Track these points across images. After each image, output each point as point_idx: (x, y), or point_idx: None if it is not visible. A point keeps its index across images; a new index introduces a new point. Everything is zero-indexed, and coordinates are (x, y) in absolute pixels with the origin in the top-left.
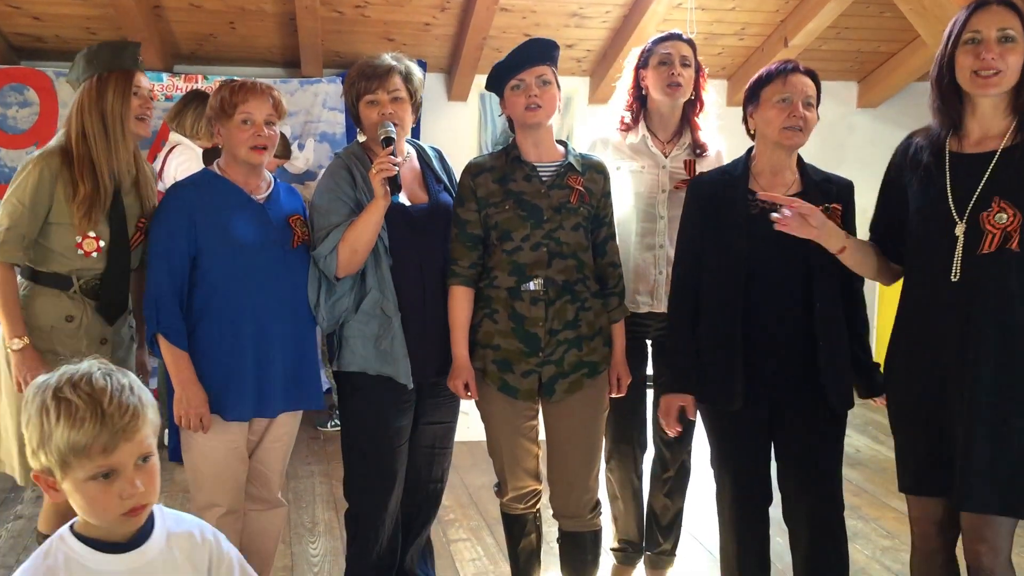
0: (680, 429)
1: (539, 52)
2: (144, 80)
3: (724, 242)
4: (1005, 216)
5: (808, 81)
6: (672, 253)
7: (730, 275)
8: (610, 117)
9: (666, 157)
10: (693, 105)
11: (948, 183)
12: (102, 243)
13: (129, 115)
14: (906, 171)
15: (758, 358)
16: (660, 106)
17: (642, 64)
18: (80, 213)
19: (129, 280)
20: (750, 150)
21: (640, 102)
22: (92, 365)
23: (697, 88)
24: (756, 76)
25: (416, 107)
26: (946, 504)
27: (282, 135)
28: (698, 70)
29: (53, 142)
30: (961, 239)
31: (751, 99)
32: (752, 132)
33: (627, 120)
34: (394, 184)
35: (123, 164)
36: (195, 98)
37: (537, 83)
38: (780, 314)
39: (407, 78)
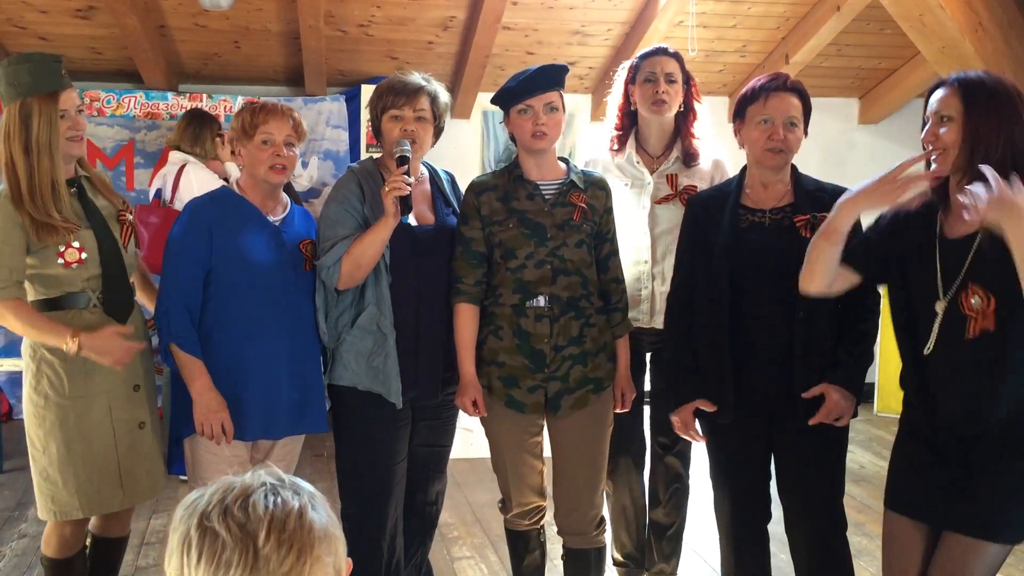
0: (705, 437)
1: (547, 80)
2: (71, 98)
3: (713, 256)
4: (978, 300)
5: (792, 100)
6: (658, 269)
7: (717, 288)
8: (604, 135)
9: (652, 173)
10: (685, 116)
11: (938, 257)
12: (84, 255)
13: (57, 141)
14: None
15: (750, 371)
16: (648, 122)
17: (631, 79)
18: (38, 236)
19: (128, 277)
20: (746, 166)
21: (630, 118)
22: (258, 478)
23: (688, 99)
24: (743, 91)
25: (438, 131)
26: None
27: None
28: (688, 81)
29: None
30: (940, 316)
31: (738, 114)
32: (742, 146)
33: (617, 141)
34: (405, 204)
35: (46, 188)
36: (206, 121)
37: (544, 109)
38: (768, 327)
39: (434, 100)
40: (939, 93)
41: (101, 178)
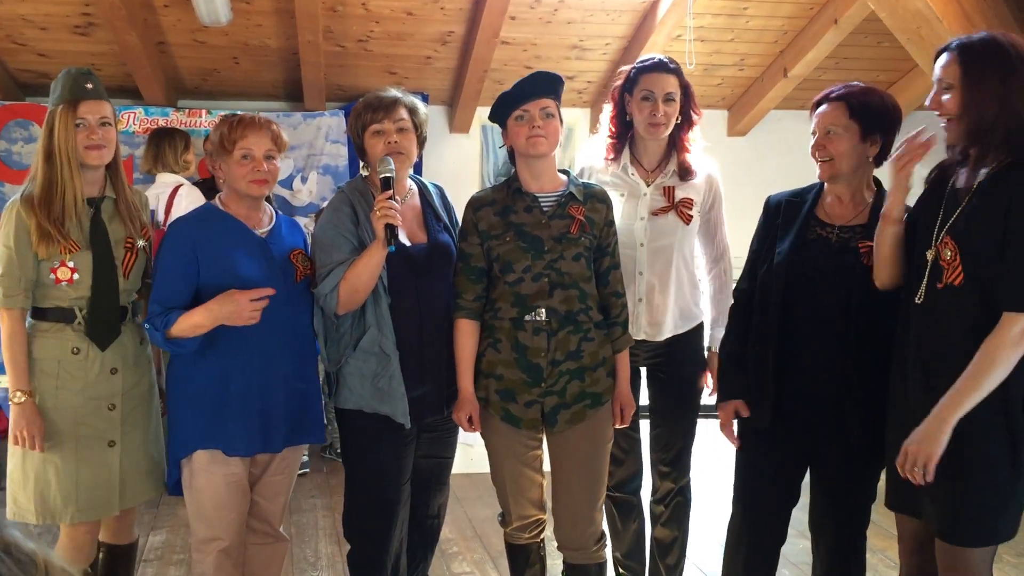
0: (739, 444)
1: (544, 85)
2: (92, 108)
3: (774, 258)
4: (949, 253)
5: (830, 111)
6: (653, 282)
7: (770, 296)
8: (597, 144)
9: (648, 185)
10: (681, 128)
11: (941, 210)
12: (76, 276)
13: (75, 149)
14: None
15: (792, 387)
16: (643, 137)
17: (627, 89)
18: (37, 244)
19: (118, 304)
20: None
21: (625, 126)
22: None
23: (687, 109)
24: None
25: (421, 142)
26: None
27: None
28: (687, 92)
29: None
30: (929, 264)
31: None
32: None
33: (612, 150)
34: (391, 233)
35: (69, 199)
36: (161, 136)
37: (541, 115)
38: (815, 346)
39: (412, 111)
40: (942, 60)
41: (130, 201)
